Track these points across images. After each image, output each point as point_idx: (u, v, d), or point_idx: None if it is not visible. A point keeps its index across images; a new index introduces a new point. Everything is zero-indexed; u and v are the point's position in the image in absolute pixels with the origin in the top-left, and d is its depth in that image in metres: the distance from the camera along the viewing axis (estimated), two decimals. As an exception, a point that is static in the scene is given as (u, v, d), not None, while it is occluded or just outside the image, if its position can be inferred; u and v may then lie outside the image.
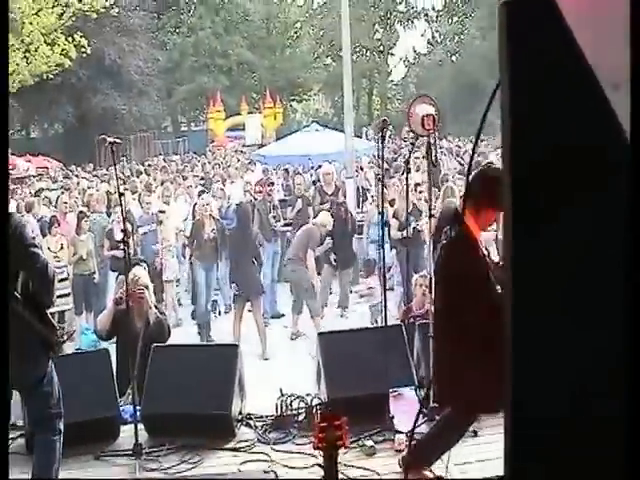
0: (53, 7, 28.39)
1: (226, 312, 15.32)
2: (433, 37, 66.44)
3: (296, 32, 65.76)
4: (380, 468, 6.47)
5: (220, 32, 56.79)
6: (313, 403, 7.64)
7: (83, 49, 29.95)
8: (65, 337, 6.24)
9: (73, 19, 29.25)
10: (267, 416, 7.69)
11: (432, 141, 7.60)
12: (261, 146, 39.58)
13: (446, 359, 6.01)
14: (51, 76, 29.84)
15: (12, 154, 31.53)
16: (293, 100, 65.06)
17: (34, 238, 6.07)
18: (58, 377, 6.09)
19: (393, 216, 14.33)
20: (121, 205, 7.31)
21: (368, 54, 64.86)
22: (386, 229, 16.34)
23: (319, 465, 3.98)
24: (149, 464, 6.90)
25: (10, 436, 7.06)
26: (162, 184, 19.13)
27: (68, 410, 6.35)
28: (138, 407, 7.38)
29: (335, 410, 7.39)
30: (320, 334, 8.20)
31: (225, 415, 7.32)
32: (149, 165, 29.44)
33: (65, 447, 6.14)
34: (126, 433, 7.46)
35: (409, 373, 7.72)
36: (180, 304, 16.24)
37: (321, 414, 3.93)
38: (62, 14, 28.58)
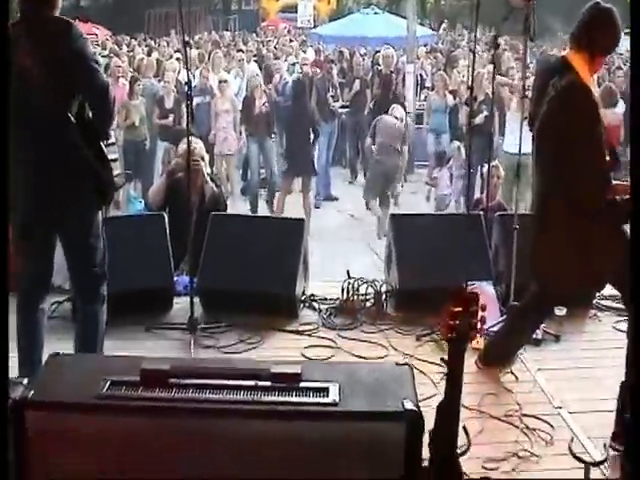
0: None
1: (277, 190, 14.61)
2: None
3: None
4: (455, 365, 5.88)
5: None
6: (382, 290, 7.04)
7: None
8: (123, 180, 5.52)
9: None
10: (332, 299, 7.12)
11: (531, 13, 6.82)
12: (312, 29, 38.50)
13: (543, 229, 5.43)
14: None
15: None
16: (346, -16, 63.17)
17: (95, 54, 5.31)
18: (108, 241, 5.41)
19: (465, 103, 13.63)
20: (185, 55, 6.53)
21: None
22: (447, 117, 15.83)
23: (442, 360, 3.32)
24: (204, 340, 6.36)
25: (56, 299, 6.64)
26: (211, 55, 18.37)
27: (119, 277, 5.82)
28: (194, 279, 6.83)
29: (407, 300, 6.93)
30: (393, 216, 7.52)
31: (289, 295, 6.75)
32: (200, 38, 28.58)
33: (114, 316, 5.60)
34: (179, 306, 6.97)
35: (487, 266, 7.05)
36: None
37: (455, 295, 3.22)
38: None
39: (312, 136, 13.33)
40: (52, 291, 5.64)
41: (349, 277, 7.07)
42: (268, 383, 3.40)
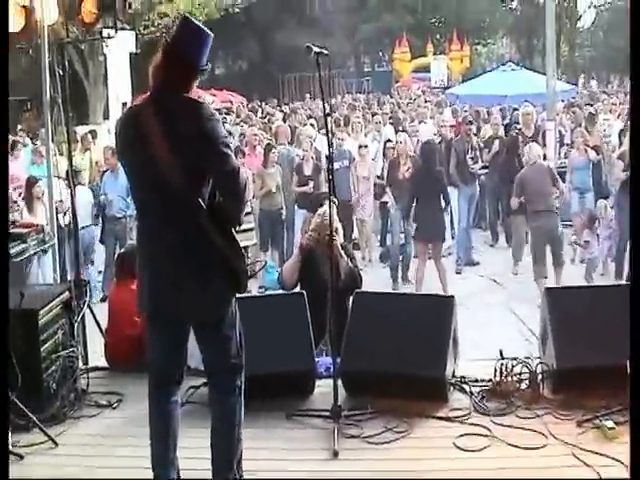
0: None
1: (415, 256, 14.19)
2: (628, -21, 63.22)
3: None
4: (623, 456, 5.30)
5: (407, -30, 55.01)
6: (538, 370, 6.52)
7: (271, -19, 29.33)
8: (256, 268, 5.17)
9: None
10: (483, 380, 6.61)
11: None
12: (446, 88, 38.37)
13: None
14: (237, 10, 29.22)
15: (198, 87, 31.38)
16: (478, 44, 62.78)
17: (227, 137, 4.92)
18: (245, 321, 5.04)
19: (618, 158, 13.10)
20: (326, 127, 6.16)
21: (557, -2, 62.00)
22: (590, 175, 15.25)
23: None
24: (349, 429, 5.91)
25: (192, 385, 6.39)
26: (350, 119, 18.31)
27: (257, 360, 5.49)
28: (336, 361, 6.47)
29: (566, 380, 6.40)
30: (548, 289, 6.98)
31: (439, 378, 6.29)
32: (335, 102, 28.70)
33: (252, 401, 5.22)
34: (321, 389, 6.58)
35: (653, 343, 6.47)
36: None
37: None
38: (249, -55, 28.11)
39: (443, 202, 13.00)
40: (187, 373, 5.32)
41: (502, 357, 6.57)
42: None
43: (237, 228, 4.89)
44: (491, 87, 26.51)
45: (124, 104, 24.50)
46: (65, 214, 8.84)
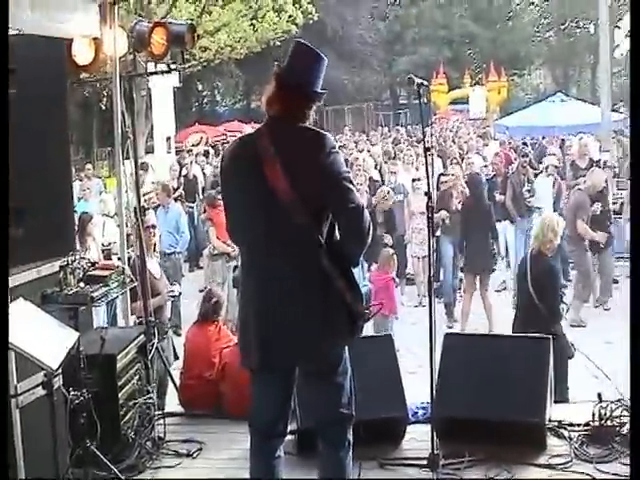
0: (282, -27, 28.05)
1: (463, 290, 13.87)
2: (666, 8, 62.77)
3: (519, 3, 63.07)
4: None
5: (443, 3, 55.03)
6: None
7: (310, 15, 29.38)
8: (372, 310, 4.85)
9: (299, -13, 28.75)
10: (579, 425, 6.29)
11: None
12: (484, 120, 38.08)
13: None
14: (278, 43, 29.26)
15: (239, 121, 31.69)
16: (514, 74, 62.53)
17: (349, 172, 4.65)
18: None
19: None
20: (426, 162, 5.76)
21: (592, 28, 61.85)
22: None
23: None
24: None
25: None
26: (403, 152, 18.01)
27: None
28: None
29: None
30: None
31: (539, 424, 5.99)
32: (381, 135, 28.54)
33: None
34: (409, 435, 6.32)
35: None
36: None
37: None
38: (290, -19, 28.19)
39: (490, 234, 12.81)
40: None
41: (600, 400, 6.27)
42: None
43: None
44: (541, 118, 25.97)
45: (168, 139, 24.47)
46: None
